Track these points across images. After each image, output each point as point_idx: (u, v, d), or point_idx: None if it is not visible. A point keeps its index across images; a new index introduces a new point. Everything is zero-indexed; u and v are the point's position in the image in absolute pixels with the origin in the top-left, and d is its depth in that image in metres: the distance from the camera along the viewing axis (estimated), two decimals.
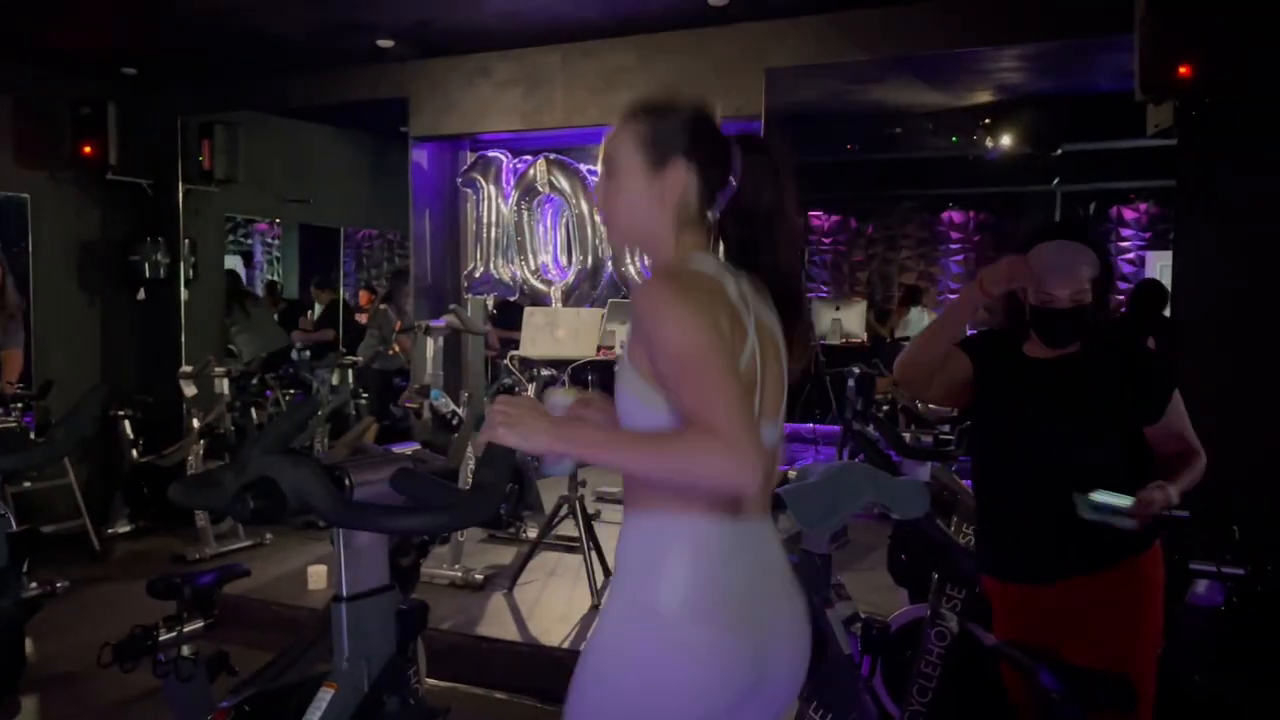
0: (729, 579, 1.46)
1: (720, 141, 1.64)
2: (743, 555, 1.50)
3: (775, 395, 1.56)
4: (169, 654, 2.56)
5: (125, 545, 6.46)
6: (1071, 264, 2.38)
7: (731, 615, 1.45)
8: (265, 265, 12.18)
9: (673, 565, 1.45)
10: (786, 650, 1.56)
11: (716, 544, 1.46)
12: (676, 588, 1.43)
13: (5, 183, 6.65)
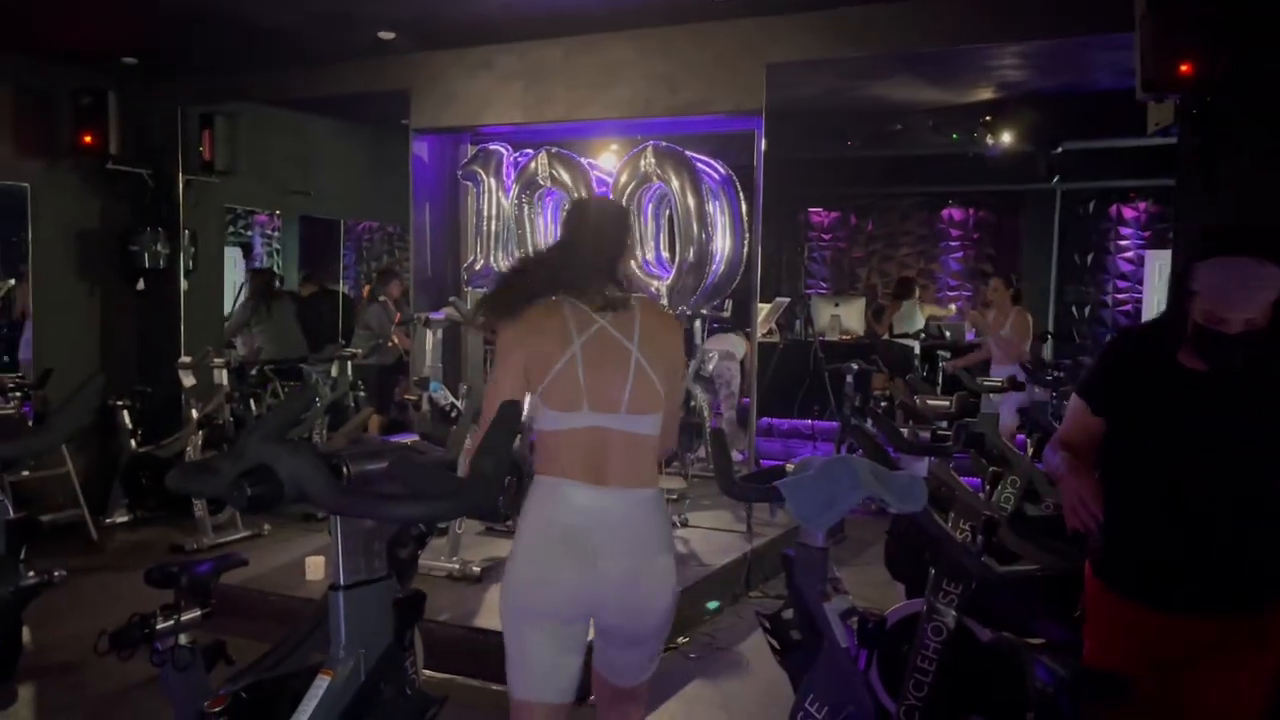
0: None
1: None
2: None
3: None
4: (166, 643, 2.56)
5: (123, 535, 6.46)
6: (1248, 286, 2.10)
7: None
8: (265, 257, 12.16)
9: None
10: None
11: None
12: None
13: (5, 172, 6.64)
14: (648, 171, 5.97)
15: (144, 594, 2.94)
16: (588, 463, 2.23)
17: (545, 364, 2.23)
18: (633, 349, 2.29)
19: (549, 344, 2.24)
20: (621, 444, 2.24)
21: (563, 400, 2.23)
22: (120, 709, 3.96)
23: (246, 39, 6.22)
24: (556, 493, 2.24)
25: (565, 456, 2.24)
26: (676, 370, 2.43)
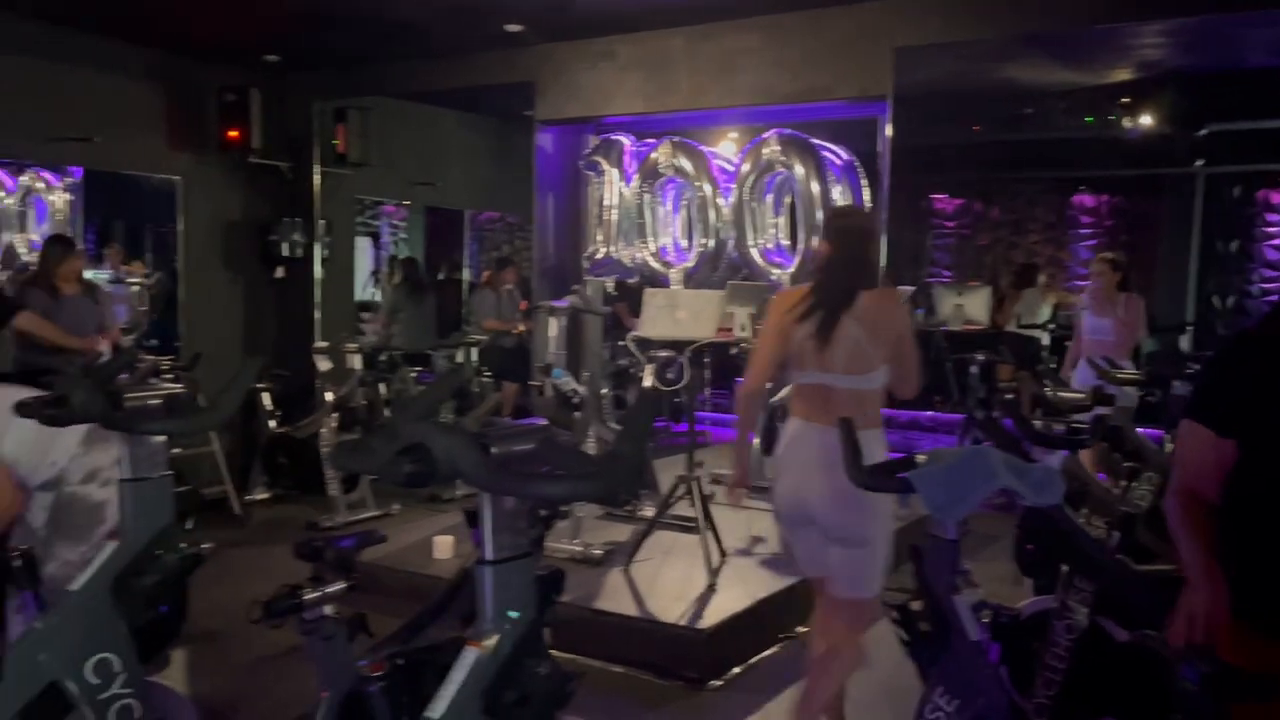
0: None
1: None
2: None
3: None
4: (313, 613, 2.68)
5: (263, 511, 6.79)
6: None
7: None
8: (392, 246, 12.57)
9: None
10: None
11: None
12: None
13: (159, 165, 7.05)
14: (771, 159, 5.94)
15: (282, 567, 3.08)
16: (819, 407, 3.01)
17: (794, 337, 3.10)
18: (852, 323, 3.04)
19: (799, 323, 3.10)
20: (843, 395, 3.01)
21: (801, 363, 3.11)
22: (262, 675, 4.17)
23: (378, 34, 6.43)
24: (796, 428, 3.10)
25: (803, 403, 3.10)
26: (899, 333, 3.12)
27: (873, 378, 3.06)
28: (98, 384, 2.25)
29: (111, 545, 2.28)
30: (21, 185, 9.12)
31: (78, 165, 7.23)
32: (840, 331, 3.03)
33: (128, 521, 2.31)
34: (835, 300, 3.05)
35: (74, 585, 2.24)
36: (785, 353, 3.15)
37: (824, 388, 3.05)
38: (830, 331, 3.03)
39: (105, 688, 2.20)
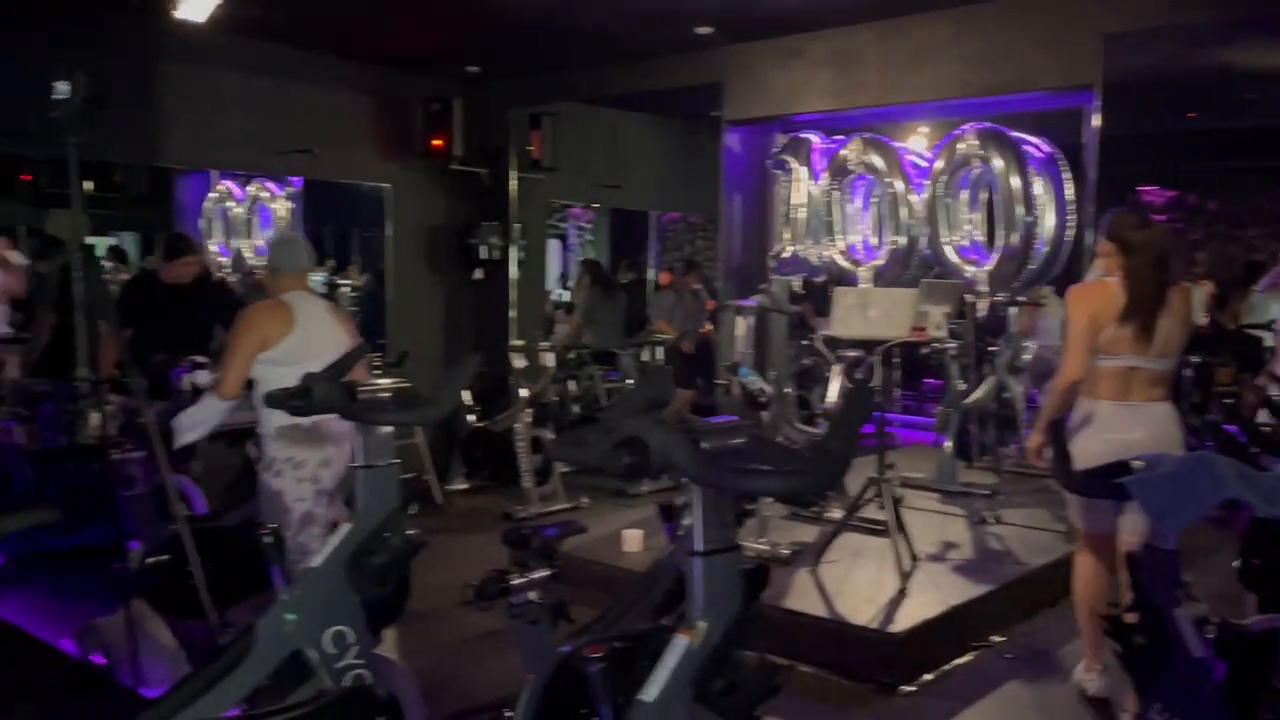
0: None
1: None
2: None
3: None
4: (520, 598, 2.82)
5: (461, 501, 7.14)
6: None
7: None
8: (579, 248, 12.93)
9: None
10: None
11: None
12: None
13: (370, 174, 7.52)
14: (967, 154, 5.78)
15: (478, 554, 3.25)
16: (1128, 387, 3.61)
17: (1104, 329, 3.59)
18: (1164, 316, 3.58)
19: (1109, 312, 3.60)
20: (1153, 375, 3.60)
21: (1113, 349, 3.59)
22: (464, 656, 4.39)
23: (571, 43, 6.64)
24: (1104, 409, 3.61)
25: (1109, 383, 3.61)
26: (1189, 320, 3.76)
27: (1175, 359, 3.69)
28: (335, 378, 2.45)
29: (347, 526, 2.47)
30: (249, 195, 9.93)
31: (299, 175, 7.80)
32: (1157, 324, 3.58)
33: (360, 505, 2.50)
34: (1151, 301, 3.56)
35: (314, 562, 2.45)
36: (1094, 342, 3.61)
37: (1134, 370, 3.59)
38: (1152, 329, 3.56)
39: (340, 657, 2.39)
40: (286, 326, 3.63)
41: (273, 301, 3.71)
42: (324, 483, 3.74)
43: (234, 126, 6.51)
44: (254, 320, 3.65)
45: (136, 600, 3.74)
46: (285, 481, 3.70)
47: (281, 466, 3.70)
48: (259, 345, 3.60)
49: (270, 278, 3.84)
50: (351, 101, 7.23)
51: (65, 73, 2.89)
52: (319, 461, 3.71)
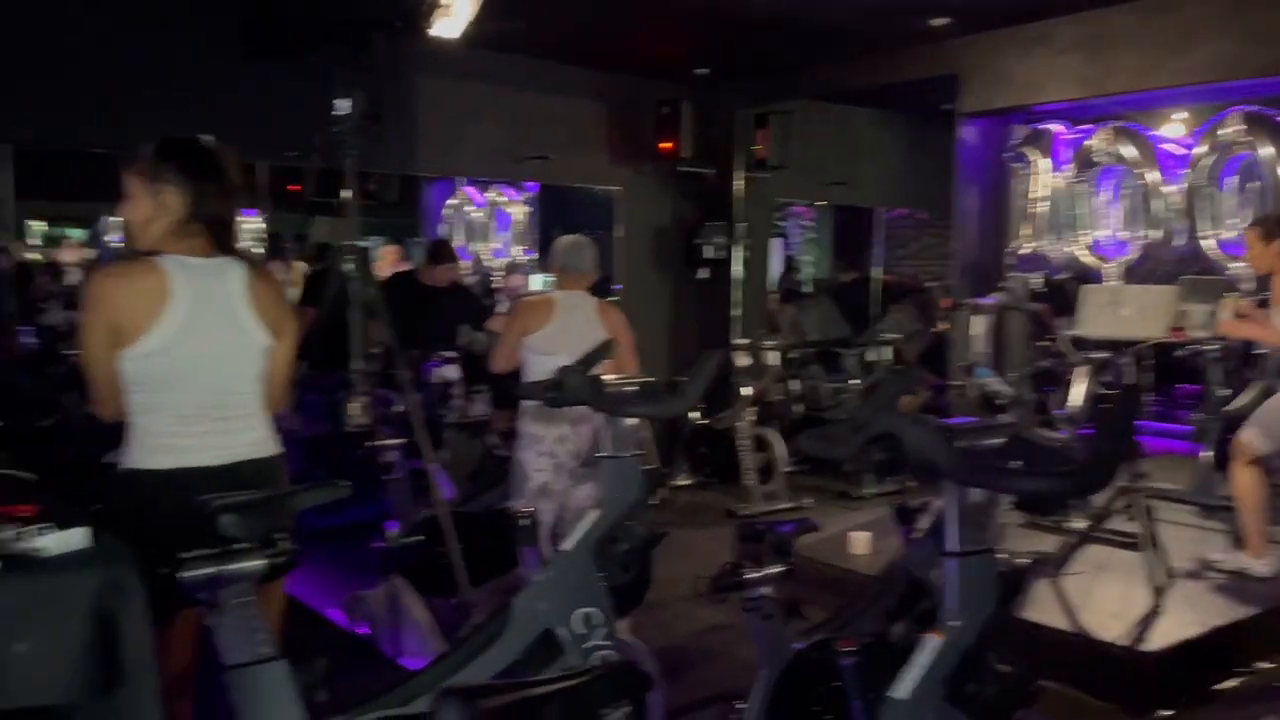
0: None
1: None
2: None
3: None
4: (754, 592, 2.85)
5: (685, 497, 7.26)
6: None
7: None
8: (801, 246, 12.84)
9: None
10: None
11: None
12: None
13: (602, 178, 7.77)
14: (1231, 140, 5.33)
15: (699, 549, 3.29)
16: None
17: None
18: None
19: None
20: None
21: None
22: (692, 647, 4.47)
23: (801, 41, 6.61)
24: None
25: None
26: None
27: None
28: (585, 371, 2.58)
29: (595, 513, 2.59)
30: (488, 201, 10.51)
31: (537, 181, 8.16)
32: None
33: (607, 493, 2.61)
34: None
35: (565, 545, 2.58)
36: None
37: None
38: None
39: (588, 637, 2.51)
40: (545, 319, 4.04)
41: (541, 297, 4.23)
42: (559, 458, 4.04)
43: (479, 136, 6.90)
44: (520, 311, 4.21)
45: (396, 577, 4.06)
46: (527, 454, 4.08)
47: (525, 440, 4.10)
48: (521, 333, 4.06)
49: (558, 275, 4.23)
50: (586, 108, 7.50)
51: (345, 91, 3.17)
52: (555, 438, 4.03)
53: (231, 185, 2.41)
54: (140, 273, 2.32)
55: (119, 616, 1.54)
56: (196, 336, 2.34)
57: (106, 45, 5.42)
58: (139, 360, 2.29)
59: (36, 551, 1.56)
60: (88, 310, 2.31)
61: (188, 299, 2.33)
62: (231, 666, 2.09)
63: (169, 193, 2.34)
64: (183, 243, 2.36)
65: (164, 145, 2.39)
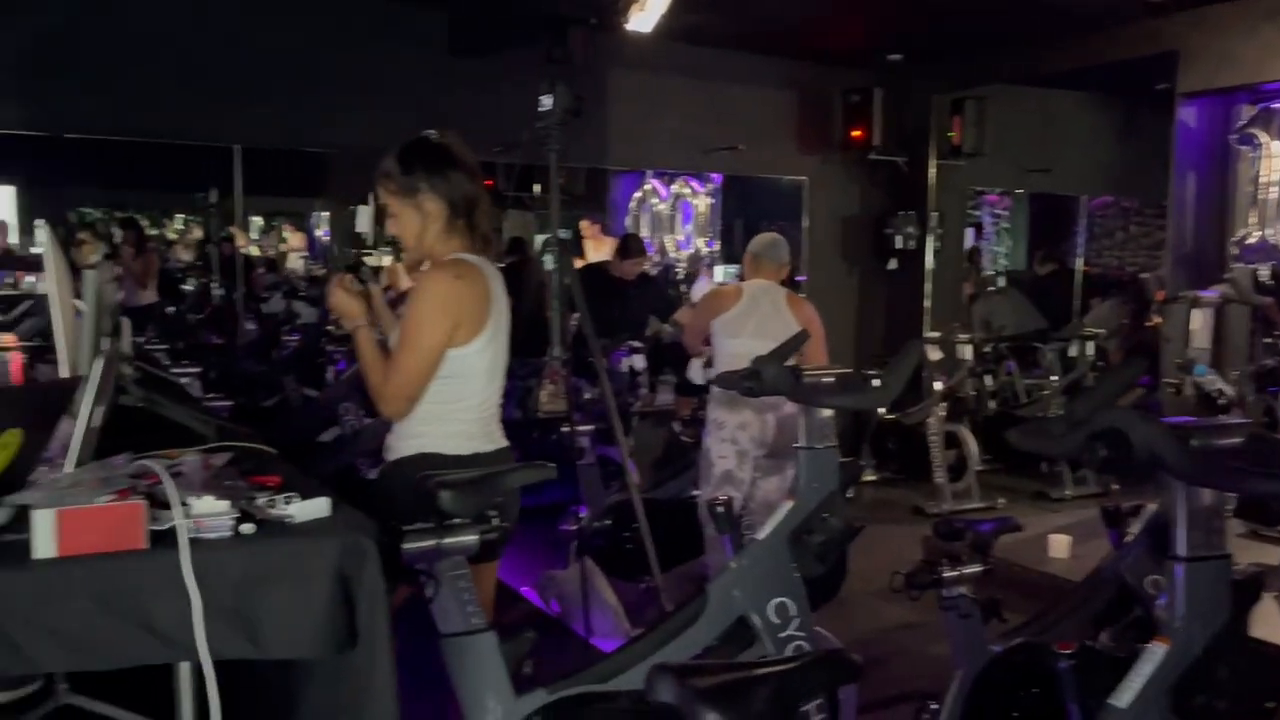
0: None
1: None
2: None
3: None
4: (952, 591, 2.78)
5: (870, 492, 7.12)
6: None
7: None
8: (995, 236, 12.33)
9: None
10: None
11: None
12: None
13: (789, 168, 7.71)
14: None
15: (883, 546, 3.20)
16: None
17: None
18: None
19: None
20: None
21: None
22: (881, 644, 4.38)
23: (1003, 21, 6.34)
24: None
25: None
26: None
27: None
28: (782, 361, 2.58)
29: (789, 504, 2.59)
30: (673, 193, 10.60)
31: (724, 172, 8.18)
32: None
33: (801, 484, 2.60)
34: None
35: (760, 535, 2.59)
36: None
37: None
38: None
39: (783, 627, 2.51)
40: (734, 302, 4.16)
41: (732, 285, 4.41)
42: (741, 444, 4.08)
43: (668, 128, 6.98)
44: (710, 297, 4.44)
45: (585, 559, 4.17)
46: (712, 440, 4.16)
47: (710, 426, 4.18)
48: (711, 313, 4.22)
49: (751, 264, 4.31)
50: (774, 98, 7.45)
51: (549, 87, 3.28)
52: (736, 424, 4.08)
53: (473, 169, 2.51)
54: (473, 275, 2.45)
55: (356, 581, 1.66)
56: (502, 334, 2.52)
57: (319, 51, 5.80)
58: (468, 356, 2.43)
59: (285, 518, 1.70)
60: (432, 310, 2.39)
61: (499, 296, 2.51)
62: (445, 635, 2.22)
63: (427, 199, 2.45)
64: (454, 242, 2.49)
65: (405, 155, 2.47)
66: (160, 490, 1.64)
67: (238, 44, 5.60)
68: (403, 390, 2.42)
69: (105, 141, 5.88)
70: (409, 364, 2.40)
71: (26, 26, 5.11)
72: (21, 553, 1.51)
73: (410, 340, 2.40)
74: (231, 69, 5.57)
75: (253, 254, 11.28)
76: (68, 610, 1.49)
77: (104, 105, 5.37)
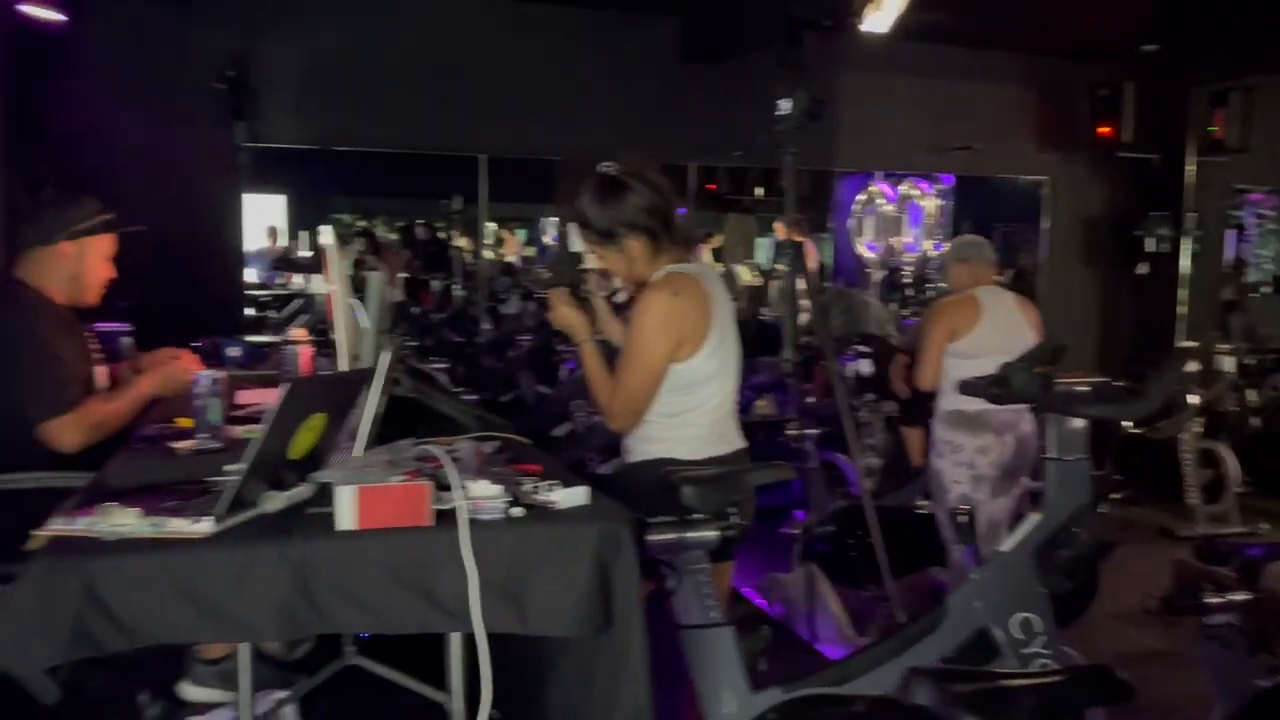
0: None
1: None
2: None
3: None
4: (1216, 618, 2.59)
5: (1113, 511, 6.69)
6: None
7: None
8: (1259, 239, 11.31)
9: None
10: None
11: None
12: None
13: (1028, 167, 7.40)
14: None
15: (1134, 568, 2.97)
16: None
17: None
18: None
19: None
20: None
21: None
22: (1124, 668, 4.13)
23: (1275, 5, 5.81)
24: None
25: None
26: None
27: None
28: (1031, 368, 2.48)
29: (1036, 516, 2.49)
30: (900, 194, 10.36)
31: (957, 173, 7.93)
32: None
33: (1050, 497, 2.50)
34: None
35: (1004, 547, 2.50)
36: None
37: None
38: None
39: (1026, 643, 2.42)
40: (973, 320, 3.82)
41: (962, 296, 3.92)
42: (979, 469, 3.83)
43: (899, 128, 6.84)
44: (944, 313, 3.91)
45: (810, 563, 4.16)
46: (944, 463, 3.91)
47: (942, 448, 3.92)
48: (948, 337, 3.83)
49: (957, 270, 4.04)
50: (1012, 95, 7.17)
51: (788, 91, 3.30)
52: (976, 448, 3.82)
53: (657, 185, 2.49)
54: (690, 286, 2.47)
55: (614, 566, 1.75)
56: (729, 336, 2.54)
57: (556, 61, 6.07)
58: (694, 367, 2.46)
59: (550, 504, 1.81)
60: (653, 330, 2.42)
61: (720, 298, 2.54)
62: (684, 627, 2.29)
63: (626, 239, 2.47)
64: (661, 258, 2.51)
65: (593, 204, 2.48)
66: (440, 473, 1.79)
67: (484, 59, 5.96)
68: (628, 407, 2.47)
69: (361, 153, 6.41)
70: (633, 383, 2.45)
71: (302, 52, 5.65)
72: (327, 525, 1.69)
73: (634, 360, 2.44)
74: (479, 83, 5.93)
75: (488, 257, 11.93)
76: (364, 578, 1.65)
77: (368, 120, 5.85)
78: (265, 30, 5.57)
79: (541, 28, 6.07)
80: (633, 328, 2.46)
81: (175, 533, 1.62)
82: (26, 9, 4.42)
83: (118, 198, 3.09)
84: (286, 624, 1.62)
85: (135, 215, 3.07)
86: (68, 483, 2.67)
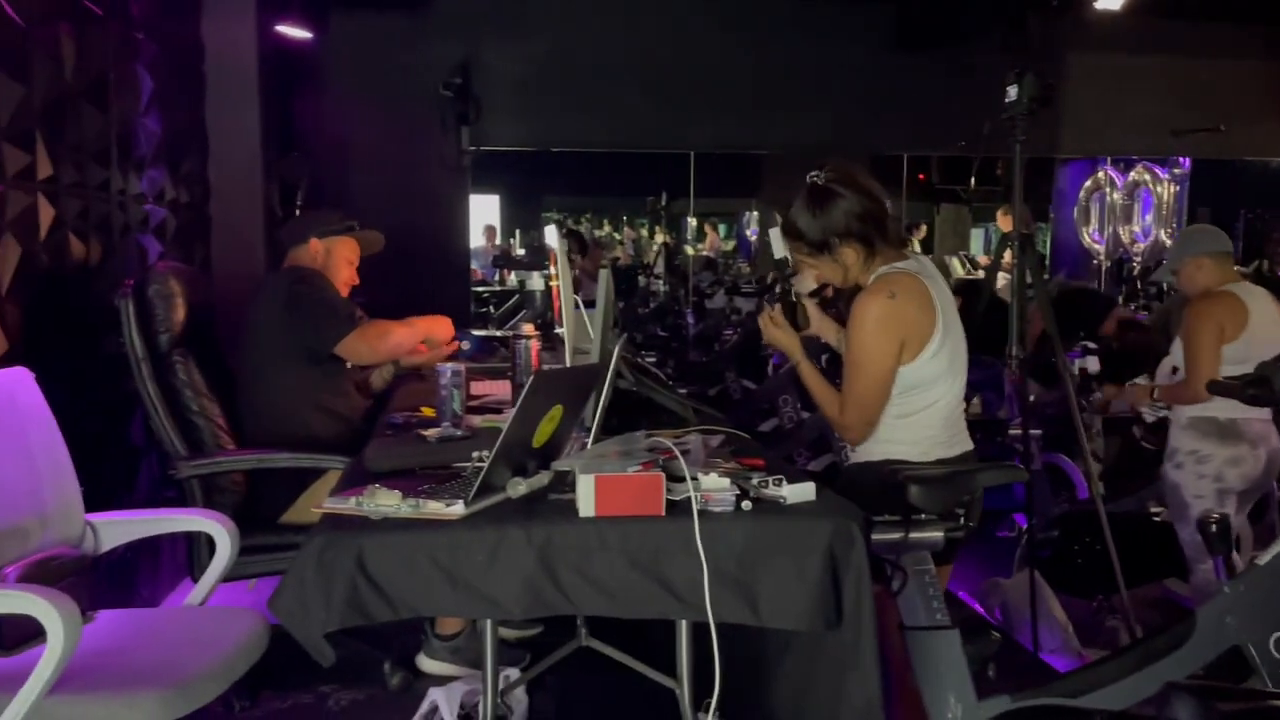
0: None
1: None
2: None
3: None
4: None
5: None
6: None
7: None
8: None
9: None
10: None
11: None
12: None
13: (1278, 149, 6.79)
14: None
15: None
16: None
17: None
18: None
19: None
20: None
21: None
22: None
23: None
24: None
25: None
26: None
27: None
28: None
29: None
30: (1129, 180, 9.73)
31: (1197, 156, 7.38)
32: None
33: None
34: None
35: (1261, 559, 2.32)
36: None
37: None
38: None
39: None
40: (1241, 321, 3.48)
41: (1222, 293, 3.57)
42: (1228, 481, 3.51)
43: (1131, 111, 6.45)
44: (1211, 313, 3.54)
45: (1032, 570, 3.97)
46: (1185, 475, 3.59)
47: (1183, 459, 3.59)
48: (1218, 338, 3.49)
49: (1199, 265, 3.66)
50: (1264, 71, 6.60)
51: (1015, 76, 3.16)
52: (1226, 459, 3.50)
53: (866, 189, 2.42)
54: (908, 286, 2.40)
55: (845, 562, 1.75)
56: (955, 331, 2.46)
57: (767, 54, 6.06)
58: (922, 367, 2.40)
59: (779, 498, 1.83)
60: (874, 335, 2.35)
61: (942, 293, 2.46)
62: (908, 628, 2.25)
63: (840, 250, 2.42)
64: (876, 261, 2.45)
65: (805, 216, 2.44)
66: (670, 464, 1.84)
67: (696, 56, 6.03)
68: (861, 417, 2.42)
69: (573, 153, 6.63)
70: (861, 392, 2.40)
71: (520, 58, 5.90)
72: (568, 510, 1.77)
73: (859, 369, 2.39)
74: (691, 80, 6.02)
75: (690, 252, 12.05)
76: (603, 562, 1.73)
77: (584, 121, 6.05)
78: (486, 38, 5.86)
79: (751, 20, 6.09)
80: (852, 337, 2.41)
81: (432, 514, 1.74)
82: (284, 29, 4.82)
83: (357, 201, 3.40)
84: (533, 602, 1.72)
85: (372, 217, 3.40)
86: (315, 463, 3.00)
